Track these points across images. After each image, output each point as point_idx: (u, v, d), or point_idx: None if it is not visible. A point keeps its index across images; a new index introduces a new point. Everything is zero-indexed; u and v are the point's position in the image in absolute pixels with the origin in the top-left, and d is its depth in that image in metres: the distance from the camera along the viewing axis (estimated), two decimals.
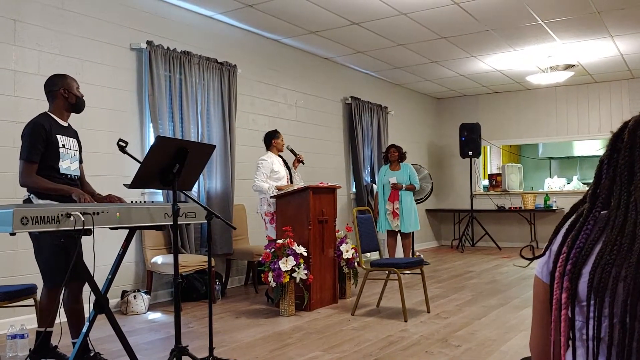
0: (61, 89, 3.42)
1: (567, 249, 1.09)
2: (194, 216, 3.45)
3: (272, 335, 4.25)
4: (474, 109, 11.44)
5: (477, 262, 8.55)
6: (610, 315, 1.00)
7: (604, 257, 1.03)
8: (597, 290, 1.02)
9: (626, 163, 1.07)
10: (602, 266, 1.02)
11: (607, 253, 1.03)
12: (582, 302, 1.06)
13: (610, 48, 7.93)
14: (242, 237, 6.62)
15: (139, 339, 4.17)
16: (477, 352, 3.76)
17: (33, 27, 4.74)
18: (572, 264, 1.07)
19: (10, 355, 3.67)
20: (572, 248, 1.09)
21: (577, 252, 1.07)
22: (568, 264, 1.08)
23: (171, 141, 3.61)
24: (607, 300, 1.01)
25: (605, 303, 1.01)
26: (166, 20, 5.91)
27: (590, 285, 1.03)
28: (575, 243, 1.09)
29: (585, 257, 1.06)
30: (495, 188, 11.19)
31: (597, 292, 1.02)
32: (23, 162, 3.24)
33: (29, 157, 3.23)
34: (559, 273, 1.09)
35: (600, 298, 1.01)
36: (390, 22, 6.68)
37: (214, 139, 6.23)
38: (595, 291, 1.02)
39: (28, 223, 2.52)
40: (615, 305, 1.00)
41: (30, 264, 3.49)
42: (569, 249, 1.09)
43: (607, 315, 1.01)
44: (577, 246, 1.08)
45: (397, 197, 7.54)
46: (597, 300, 1.02)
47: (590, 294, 1.03)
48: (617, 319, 1.00)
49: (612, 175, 1.09)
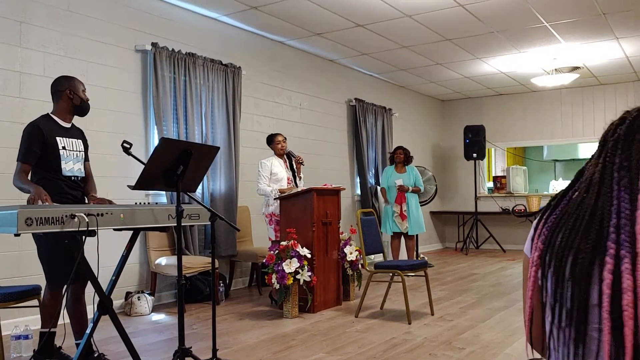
0: (67, 89, 3.44)
1: (542, 223, 1.18)
2: (198, 218, 3.45)
3: (275, 337, 4.25)
4: (479, 111, 11.42)
5: (481, 265, 8.53)
6: (559, 279, 1.08)
7: (562, 229, 1.11)
8: (551, 257, 1.10)
9: (609, 153, 1.14)
10: (561, 237, 1.10)
11: (564, 225, 1.11)
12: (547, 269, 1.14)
13: (616, 50, 7.90)
14: (245, 238, 6.62)
15: (142, 340, 4.17)
16: (481, 354, 3.75)
17: (39, 29, 4.76)
18: (547, 231, 1.15)
19: (15, 356, 3.68)
20: (546, 222, 1.17)
21: (550, 225, 1.15)
22: (543, 230, 1.16)
23: (175, 143, 3.61)
24: (554, 265, 1.09)
25: (556, 269, 1.09)
26: (171, 22, 5.93)
27: (550, 253, 1.11)
28: (550, 217, 1.17)
29: (554, 231, 1.14)
30: (499, 190, 11.17)
31: (551, 258, 1.10)
32: (18, 163, 3.29)
33: (22, 158, 3.28)
34: (536, 238, 1.17)
35: (555, 265, 1.09)
36: (395, 24, 6.68)
37: (218, 140, 6.24)
38: (550, 258, 1.11)
39: (32, 224, 2.52)
40: (564, 270, 1.07)
41: (35, 265, 3.50)
42: (544, 222, 1.17)
43: (555, 279, 1.09)
44: (550, 219, 1.16)
45: (404, 199, 7.55)
46: (553, 265, 1.10)
47: (546, 260, 1.12)
48: (563, 282, 1.07)
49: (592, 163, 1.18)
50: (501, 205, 10.90)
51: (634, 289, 0.95)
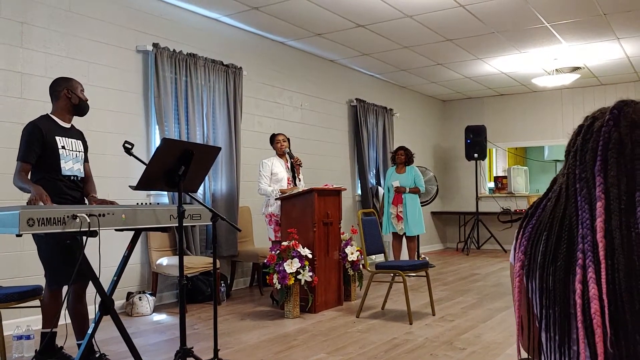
0: (65, 89, 3.45)
1: (521, 233, 1.19)
2: (199, 218, 3.45)
3: (276, 337, 4.25)
4: (480, 112, 11.42)
5: (482, 265, 8.53)
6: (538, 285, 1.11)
7: (539, 239, 1.13)
8: (533, 267, 1.13)
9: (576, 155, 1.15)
10: (539, 247, 1.12)
11: (540, 235, 1.13)
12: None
13: (617, 50, 7.90)
14: (247, 239, 6.63)
15: (144, 341, 4.18)
16: (482, 355, 3.75)
17: (40, 30, 4.76)
18: (525, 241, 1.17)
19: (17, 356, 3.69)
20: (525, 229, 1.19)
21: (528, 235, 1.17)
22: (522, 241, 1.17)
23: (177, 143, 3.62)
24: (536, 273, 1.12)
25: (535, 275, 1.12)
26: (172, 23, 5.93)
27: (530, 263, 1.14)
28: (527, 227, 1.18)
29: (532, 241, 1.16)
30: (500, 191, 11.17)
31: (533, 269, 1.13)
32: (18, 162, 3.30)
33: (22, 158, 3.29)
34: (517, 248, 1.19)
35: (538, 276, 1.11)
36: (396, 25, 6.68)
37: (220, 141, 6.24)
38: (530, 269, 1.13)
39: (34, 224, 2.52)
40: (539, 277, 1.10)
41: (36, 265, 3.50)
42: (522, 232, 1.19)
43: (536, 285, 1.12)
44: (527, 229, 1.18)
45: (401, 200, 7.49)
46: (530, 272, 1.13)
47: (529, 271, 1.14)
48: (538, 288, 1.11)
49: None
50: (502, 205, 10.90)
51: (599, 297, 0.98)
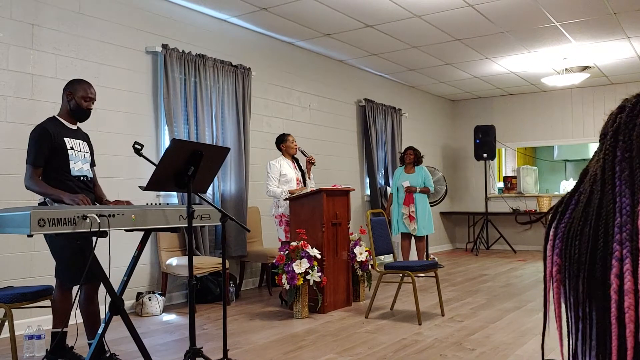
0: (68, 91, 3.46)
1: (554, 233, 1.12)
2: (209, 218, 3.46)
3: (285, 338, 4.26)
4: (489, 111, 11.38)
5: (491, 265, 8.50)
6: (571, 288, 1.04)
7: (575, 238, 1.05)
8: (571, 270, 1.04)
9: (610, 148, 1.06)
10: (576, 247, 1.04)
11: (574, 233, 1.05)
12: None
13: (627, 49, 7.84)
14: (256, 239, 6.64)
15: (153, 341, 4.20)
16: (491, 356, 3.74)
17: (50, 32, 4.80)
18: (560, 242, 1.09)
19: (28, 356, 3.72)
20: (558, 227, 1.11)
21: (561, 234, 1.09)
22: (557, 242, 1.10)
23: (186, 144, 3.63)
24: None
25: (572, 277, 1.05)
26: (181, 24, 5.96)
27: (569, 266, 1.06)
28: (560, 226, 1.11)
29: (568, 241, 1.08)
30: (510, 191, 11.12)
31: (571, 272, 1.04)
32: (28, 166, 3.29)
33: (33, 162, 3.28)
34: (550, 250, 1.12)
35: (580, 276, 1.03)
36: (405, 25, 6.67)
37: (229, 141, 6.26)
38: (570, 272, 1.05)
39: (45, 225, 2.54)
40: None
41: (47, 266, 3.53)
42: (555, 232, 1.11)
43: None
44: (560, 227, 1.10)
45: (412, 200, 7.47)
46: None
47: (567, 275, 1.06)
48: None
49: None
50: (512, 205, 10.85)
51: (634, 291, 0.92)
